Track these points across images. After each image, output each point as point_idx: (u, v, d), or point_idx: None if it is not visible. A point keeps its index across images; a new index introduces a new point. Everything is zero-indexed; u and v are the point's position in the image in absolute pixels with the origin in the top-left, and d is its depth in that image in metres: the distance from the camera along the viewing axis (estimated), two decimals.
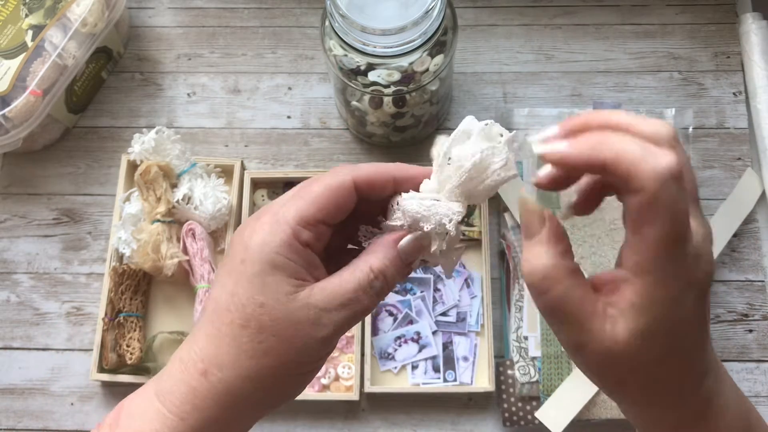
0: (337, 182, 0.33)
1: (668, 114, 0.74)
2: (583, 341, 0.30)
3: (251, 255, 0.31)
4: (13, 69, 0.69)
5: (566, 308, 0.30)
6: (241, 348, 0.31)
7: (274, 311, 0.31)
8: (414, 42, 0.57)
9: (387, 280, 0.33)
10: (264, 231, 0.32)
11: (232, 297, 0.31)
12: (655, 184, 0.26)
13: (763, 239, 0.72)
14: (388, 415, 0.68)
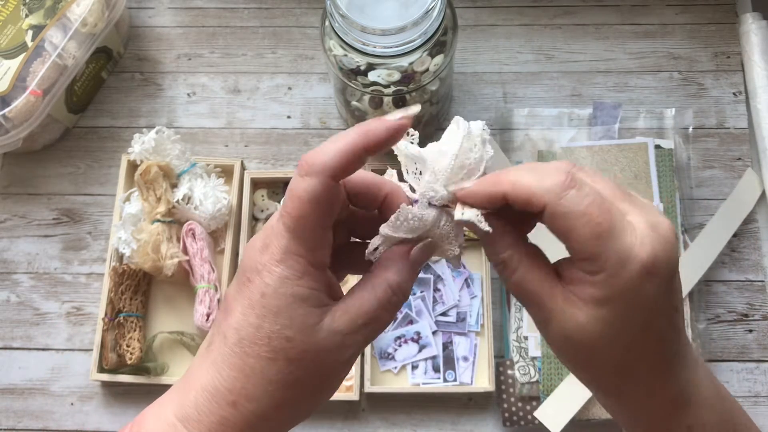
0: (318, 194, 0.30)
1: (668, 114, 0.74)
2: (547, 319, 0.31)
3: (272, 290, 0.31)
4: (13, 69, 0.69)
5: (527, 289, 0.32)
6: (271, 381, 0.31)
7: (302, 344, 0.31)
8: (414, 42, 0.57)
9: (404, 292, 0.33)
10: (280, 269, 0.31)
11: (257, 330, 0.31)
12: (550, 196, 0.29)
13: (763, 239, 0.72)
14: (388, 415, 0.68)
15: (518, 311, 0.68)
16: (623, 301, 0.30)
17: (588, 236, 0.29)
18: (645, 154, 0.71)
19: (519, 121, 0.75)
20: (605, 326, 0.30)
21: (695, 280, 0.67)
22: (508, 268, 0.32)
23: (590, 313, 0.30)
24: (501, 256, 0.32)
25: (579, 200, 0.29)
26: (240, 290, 0.32)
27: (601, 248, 0.29)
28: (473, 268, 0.71)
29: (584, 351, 0.31)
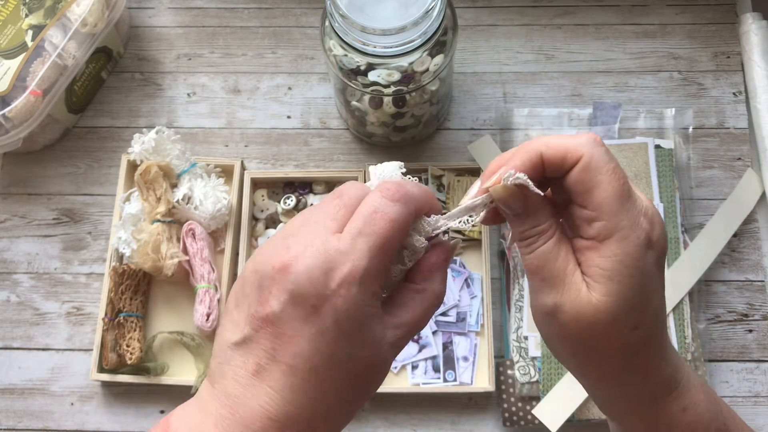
0: (403, 217, 0.31)
1: (668, 114, 0.74)
2: (561, 302, 0.32)
3: (347, 316, 0.30)
4: (13, 69, 0.69)
5: (549, 265, 0.32)
6: (348, 401, 0.32)
7: (371, 358, 0.31)
8: (414, 42, 0.57)
9: (443, 299, 0.34)
10: (358, 287, 0.30)
11: (331, 358, 0.30)
12: (588, 148, 0.31)
13: (763, 239, 0.72)
14: (388, 415, 0.68)
15: (518, 311, 0.68)
16: (630, 273, 0.31)
17: (612, 194, 0.31)
18: (645, 154, 0.71)
19: (519, 121, 0.75)
20: (617, 302, 0.31)
21: (695, 280, 0.67)
22: (541, 239, 0.33)
23: (603, 289, 0.31)
24: (541, 226, 0.33)
25: (608, 159, 0.31)
26: (304, 317, 0.30)
27: (620, 208, 0.31)
28: (473, 268, 0.71)
29: (595, 331, 0.32)
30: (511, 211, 0.33)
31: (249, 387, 0.30)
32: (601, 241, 0.31)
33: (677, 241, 0.68)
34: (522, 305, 0.68)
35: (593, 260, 0.32)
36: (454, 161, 0.74)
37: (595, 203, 0.31)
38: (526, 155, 0.33)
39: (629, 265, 0.31)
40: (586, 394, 0.64)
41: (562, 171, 0.32)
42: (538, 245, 0.33)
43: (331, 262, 0.30)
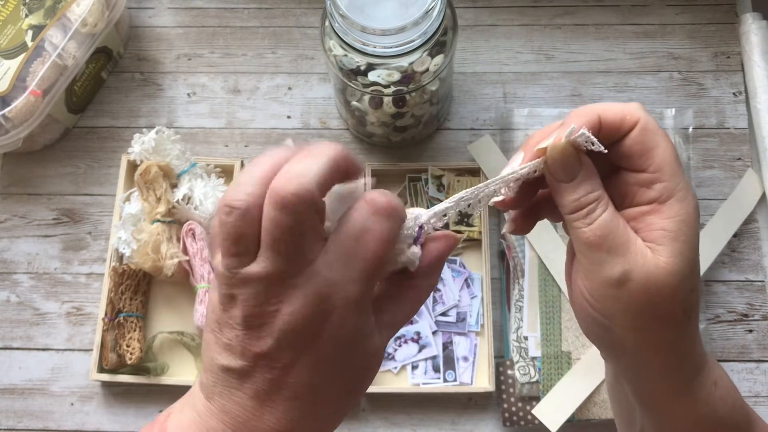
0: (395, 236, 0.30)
1: (668, 114, 0.74)
2: (629, 269, 0.31)
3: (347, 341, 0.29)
4: (13, 69, 0.69)
5: (613, 233, 0.31)
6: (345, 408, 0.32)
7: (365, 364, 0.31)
8: (414, 42, 0.57)
9: None
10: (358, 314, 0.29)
11: (332, 380, 0.30)
12: (643, 112, 0.32)
13: (763, 239, 0.72)
14: (388, 415, 0.68)
15: (518, 311, 0.68)
16: (692, 233, 0.31)
17: (671, 155, 0.31)
18: None
19: (519, 121, 0.75)
20: (682, 262, 0.31)
21: None
22: (600, 207, 0.31)
23: (670, 251, 0.31)
24: (595, 194, 0.32)
25: (657, 128, 0.32)
26: (304, 350, 0.29)
27: (678, 170, 0.31)
28: (473, 268, 0.71)
29: (664, 296, 0.31)
30: (567, 177, 0.32)
31: (251, 409, 0.29)
32: (663, 202, 0.31)
33: None
34: (522, 305, 0.68)
35: (656, 223, 0.31)
36: (454, 161, 0.74)
37: (656, 164, 0.31)
38: (584, 118, 0.32)
39: (691, 225, 0.31)
40: (587, 395, 0.64)
41: (618, 134, 0.32)
42: (599, 213, 0.31)
43: (324, 293, 0.28)
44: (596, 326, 0.33)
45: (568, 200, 0.32)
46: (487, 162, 0.72)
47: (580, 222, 0.32)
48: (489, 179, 0.33)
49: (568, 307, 0.68)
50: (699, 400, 0.34)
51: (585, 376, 0.65)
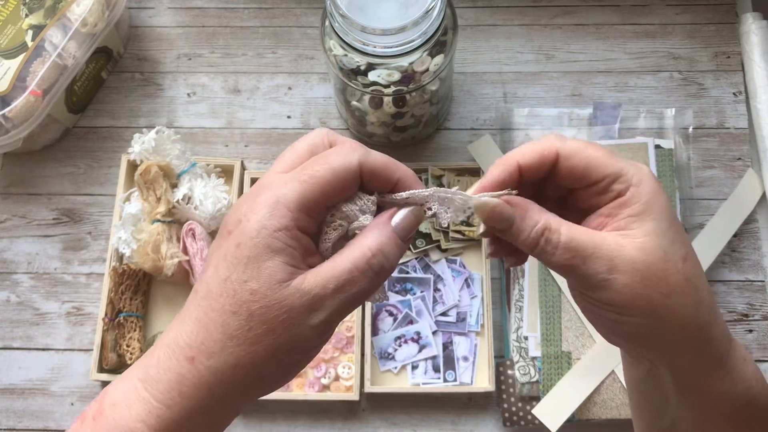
0: (344, 167, 0.31)
1: (668, 114, 0.74)
2: (612, 266, 0.31)
3: (247, 239, 0.30)
4: (13, 69, 0.69)
5: (581, 243, 0.32)
6: (231, 335, 0.30)
7: (266, 299, 0.30)
8: (414, 42, 0.57)
9: (386, 257, 0.32)
10: (263, 213, 0.30)
11: (224, 282, 0.30)
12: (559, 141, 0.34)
13: (763, 239, 0.72)
14: (388, 415, 0.68)
15: (518, 311, 0.68)
16: (658, 207, 0.32)
17: (605, 156, 0.33)
18: (645, 154, 0.71)
19: (519, 121, 0.75)
20: (658, 236, 0.32)
21: None
22: (553, 232, 0.32)
23: (641, 231, 0.32)
24: (540, 224, 0.32)
25: (578, 142, 0.34)
26: (218, 244, 0.31)
27: (619, 164, 0.33)
28: (473, 268, 0.71)
29: (655, 272, 0.31)
30: (507, 224, 0.33)
31: (179, 317, 0.32)
32: (624, 194, 0.32)
33: None
34: (522, 305, 0.68)
35: (622, 213, 0.32)
36: (454, 161, 0.74)
37: (599, 173, 0.33)
38: (502, 167, 0.34)
39: (654, 200, 0.32)
40: (587, 395, 0.64)
41: (545, 169, 0.34)
42: (555, 238, 0.32)
43: (258, 191, 0.31)
44: (618, 327, 0.33)
45: (522, 241, 0.33)
46: (487, 162, 0.72)
47: (545, 256, 0.33)
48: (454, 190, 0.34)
49: (568, 307, 0.68)
50: (734, 377, 0.34)
51: (585, 376, 0.65)
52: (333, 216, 0.33)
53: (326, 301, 0.30)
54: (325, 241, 0.33)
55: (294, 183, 0.31)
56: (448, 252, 0.71)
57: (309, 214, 0.31)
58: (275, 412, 0.68)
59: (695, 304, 0.32)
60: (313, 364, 0.68)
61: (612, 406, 0.65)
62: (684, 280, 0.32)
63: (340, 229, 0.33)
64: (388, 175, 0.33)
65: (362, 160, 0.32)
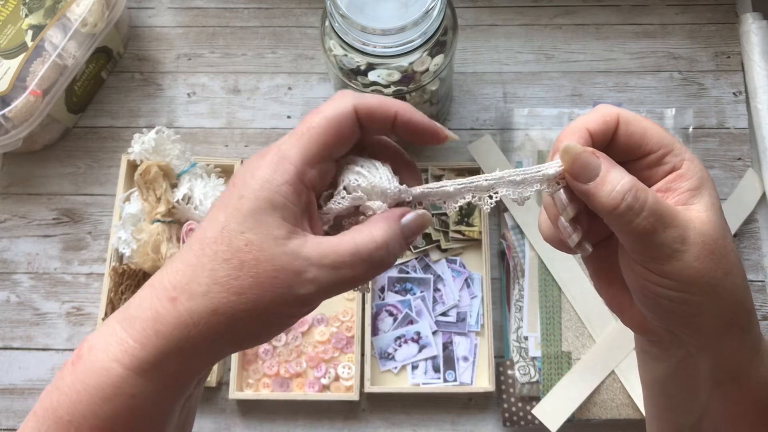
0: (338, 112, 0.32)
1: (668, 114, 0.74)
2: (684, 237, 0.31)
3: (250, 191, 0.30)
4: (13, 69, 0.69)
5: (664, 208, 0.31)
6: (217, 281, 0.29)
7: (260, 252, 0.29)
8: (414, 42, 0.57)
9: (389, 252, 0.31)
10: (267, 168, 0.30)
11: (221, 230, 0.30)
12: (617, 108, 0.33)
13: (763, 239, 0.72)
14: (388, 415, 0.68)
15: (518, 311, 0.68)
16: (710, 185, 0.32)
17: (660, 129, 0.33)
18: None
19: (519, 121, 0.75)
20: (714, 210, 0.32)
21: None
22: (642, 190, 0.31)
23: (703, 205, 0.32)
24: (627, 179, 0.31)
25: (635, 114, 0.33)
26: (222, 197, 0.32)
27: (672, 139, 0.33)
28: (473, 268, 0.71)
29: (716, 246, 0.31)
30: (592, 173, 0.31)
31: (170, 260, 0.32)
32: (679, 167, 0.32)
33: None
34: (522, 305, 0.68)
35: (681, 186, 0.32)
36: (454, 161, 0.74)
37: (656, 142, 0.33)
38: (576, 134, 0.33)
39: (708, 177, 0.33)
40: (586, 395, 0.64)
41: (609, 135, 0.33)
42: (643, 198, 0.31)
43: (265, 152, 0.31)
44: (674, 305, 0.32)
45: (604, 196, 0.31)
46: (487, 162, 0.72)
47: (627, 216, 0.31)
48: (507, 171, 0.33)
49: (568, 307, 0.68)
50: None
51: (585, 376, 0.65)
52: (344, 174, 0.33)
53: (319, 274, 0.30)
54: (334, 202, 0.33)
55: (293, 139, 0.31)
56: (448, 252, 0.71)
57: (312, 165, 0.31)
58: (275, 412, 0.68)
59: (745, 286, 0.33)
60: (313, 364, 0.68)
61: (612, 406, 0.65)
62: (736, 259, 0.32)
63: (351, 201, 0.33)
64: (385, 111, 0.32)
65: (356, 103, 0.32)
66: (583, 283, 0.68)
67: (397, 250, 0.32)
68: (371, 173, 0.33)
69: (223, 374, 0.69)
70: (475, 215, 0.71)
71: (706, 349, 0.34)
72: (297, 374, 0.68)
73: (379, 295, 0.70)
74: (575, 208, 0.33)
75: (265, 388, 0.68)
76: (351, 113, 0.32)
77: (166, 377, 0.30)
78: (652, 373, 0.38)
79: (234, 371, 0.67)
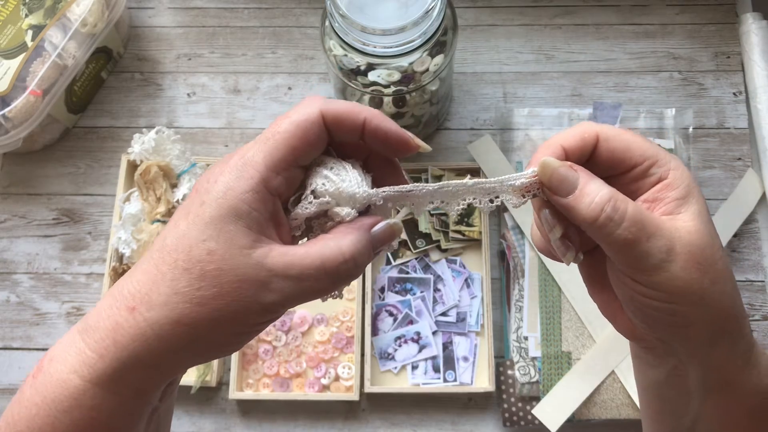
0: (305, 118, 0.31)
1: (668, 114, 0.74)
2: (670, 247, 0.31)
3: (212, 198, 0.29)
4: (13, 69, 0.69)
5: (646, 218, 0.31)
6: (178, 291, 0.29)
7: (223, 262, 0.29)
8: (414, 42, 0.57)
9: (357, 265, 0.31)
10: (231, 174, 0.30)
11: (181, 238, 0.29)
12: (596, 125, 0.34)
13: (763, 239, 0.72)
14: (388, 415, 0.68)
15: (518, 311, 0.68)
16: (697, 194, 0.32)
17: (643, 141, 0.33)
18: None
19: (519, 121, 0.75)
20: (702, 220, 0.32)
21: None
22: (622, 201, 0.31)
23: (690, 215, 0.32)
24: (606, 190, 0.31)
25: (613, 127, 0.34)
26: (185, 202, 0.31)
27: (656, 148, 0.33)
28: (473, 268, 0.71)
29: (704, 256, 0.31)
30: (570, 187, 0.31)
31: (131, 270, 0.31)
32: (665, 177, 0.32)
33: None
34: (522, 305, 0.68)
35: (668, 196, 0.32)
36: (454, 161, 0.74)
37: (640, 155, 0.32)
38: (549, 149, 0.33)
39: (693, 184, 0.32)
40: (586, 395, 0.64)
41: (588, 152, 0.33)
42: (623, 207, 0.31)
43: (229, 156, 0.31)
44: (662, 315, 0.32)
45: (583, 208, 0.31)
46: (487, 162, 0.72)
47: (607, 227, 0.31)
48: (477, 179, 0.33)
49: (568, 307, 0.68)
50: (760, 370, 0.34)
51: (585, 376, 0.65)
52: (312, 178, 0.32)
53: (284, 286, 0.29)
54: (301, 207, 0.32)
55: (259, 144, 0.30)
56: (448, 252, 0.71)
57: (278, 171, 0.30)
58: (275, 412, 0.68)
59: (735, 293, 0.32)
60: (313, 364, 0.68)
61: (612, 407, 0.65)
62: (725, 267, 0.32)
63: (318, 206, 0.32)
64: (353, 118, 0.32)
65: (323, 109, 0.31)
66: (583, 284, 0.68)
67: (365, 262, 0.32)
68: (340, 176, 0.32)
69: (223, 374, 0.69)
70: (475, 215, 0.71)
71: (695, 357, 0.34)
72: (297, 374, 0.68)
73: (379, 295, 0.70)
74: (562, 228, 0.33)
75: (265, 388, 0.68)
76: (318, 119, 0.31)
77: (127, 389, 0.30)
78: (647, 378, 0.38)
79: (234, 371, 0.67)
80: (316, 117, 0.31)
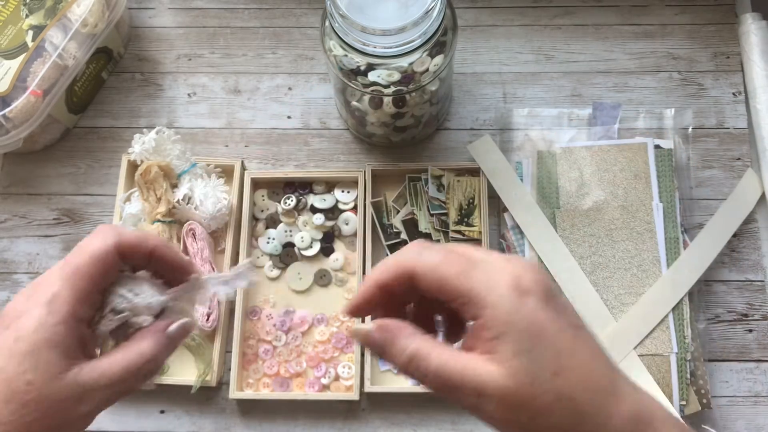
0: (102, 251, 0.35)
1: (668, 114, 0.74)
2: (482, 391, 0.31)
3: (26, 334, 0.33)
4: (13, 69, 0.69)
5: (449, 371, 0.31)
6: (2, 422, 0.32)
7: (41, 390, 0.32)
8: (414, 42, 0.58)
9: (157, 364, 0.36)
10: (42, 309, 0.33)
11: (1, 372, 0.32)
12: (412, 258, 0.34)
13: (763, 239, 0.72)
14: (388, 415, 0.68)
15: None
16: (516, 330, 0.31)
17: (457, 278, 0.32)
18: (644, 155, 0.71)
19: (519, 121, 0.75)
20: (521, 358, 0.30)
21: (695, 280, 0.67)
22: (422, 359, 0.32)
23: (505, 355, 0.30)
24: (408, 351, 0.32)
25: (435, 254, 0.33)
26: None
27: (471, 284, 0.31)
28: None
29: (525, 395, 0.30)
30: (379, 350, 0.34)
31: None
32: (479, 317, 0.31)
33: (677, 241, 0.68)
34: None
35: (482, 336, 0.31)
36: (454, 161, 0.75)
37: (453, 292, 0.32)
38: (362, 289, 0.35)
39: (513, 320, 0.31)
40: None
41: (404, 287, 0.34)
42: (424, 366, 0.32)
43: (36, 286, 0.35)
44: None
45: (397, 363, 0.33)
46: (487, 162, 0.72)
47: (420, 379, 0.33)
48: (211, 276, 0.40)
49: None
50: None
51: None
52: (110, 297, 0.36)
53: (96, 395, 0.34)
54: (104, 325, 0.36)
55: (64, 280, 0.34)
56: None
57: (83, 302, 0.34)
58: (275, 412, 0.68)
59: (572, 416, 0.31)
60: (313, 363, 0.68)
61: None
62: (554, 398, 0.30)
63: (118, 321, 0.36)
64: (142, 247, 0.37)
65: (117, 241, 0.36)
66: (583, 284, 0.68)
67: (165, 357, 0.36)
68: (133, 292, 0.37)
69: (224, 374, 0.69)
70: (475, 215, 0.71)
71: None
72: (297, 374, 0.68)
73: None
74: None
75: (265, 387, 0.68)
76: (113, 251, 0.35)
77: None
78: None
79: (234, 371, 0.67)
80: (111, 249, 0.35)
